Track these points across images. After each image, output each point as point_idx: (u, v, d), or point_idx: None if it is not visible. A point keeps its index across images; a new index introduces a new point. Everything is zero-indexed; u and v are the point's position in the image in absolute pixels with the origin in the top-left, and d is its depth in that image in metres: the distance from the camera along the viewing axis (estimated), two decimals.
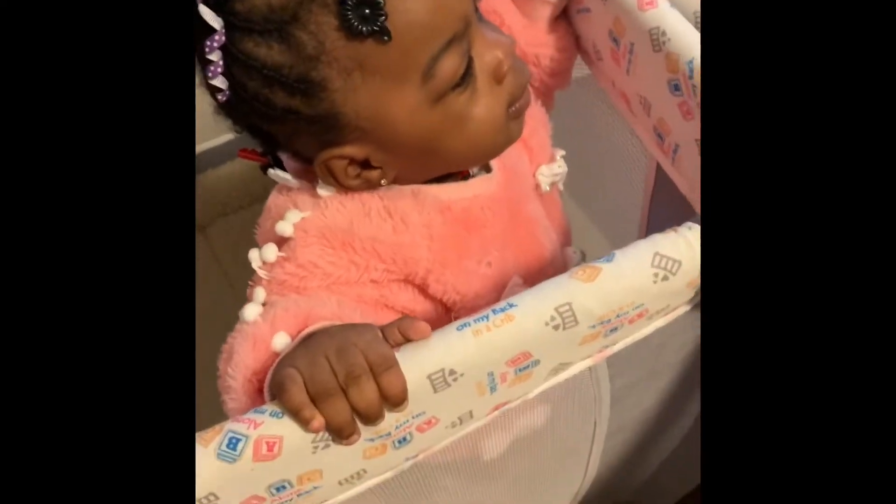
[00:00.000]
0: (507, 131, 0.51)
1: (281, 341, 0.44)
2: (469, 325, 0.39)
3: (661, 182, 0.63)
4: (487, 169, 0.57)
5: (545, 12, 0.59)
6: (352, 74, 0.45)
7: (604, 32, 0.57)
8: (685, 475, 0.86)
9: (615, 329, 0.43)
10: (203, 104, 0.48)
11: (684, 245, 0.41)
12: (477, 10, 0.49)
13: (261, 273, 0.50)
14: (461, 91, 0.47)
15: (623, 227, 0.77)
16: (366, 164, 0.49)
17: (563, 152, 0.63)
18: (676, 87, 0.50)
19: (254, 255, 0.51)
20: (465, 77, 0.47)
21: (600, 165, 0.77)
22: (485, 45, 0.48)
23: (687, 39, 0.49)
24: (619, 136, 0.70)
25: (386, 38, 0.43)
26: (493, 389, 0.42)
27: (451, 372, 0.39)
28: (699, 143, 0.50)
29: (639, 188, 0.69)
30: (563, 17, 0.62)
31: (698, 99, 0.48)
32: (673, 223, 0.44)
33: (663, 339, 0.52)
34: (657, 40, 0.50)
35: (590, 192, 0.83)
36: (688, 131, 0.51)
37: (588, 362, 0.47)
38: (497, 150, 0.53)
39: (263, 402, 0.42)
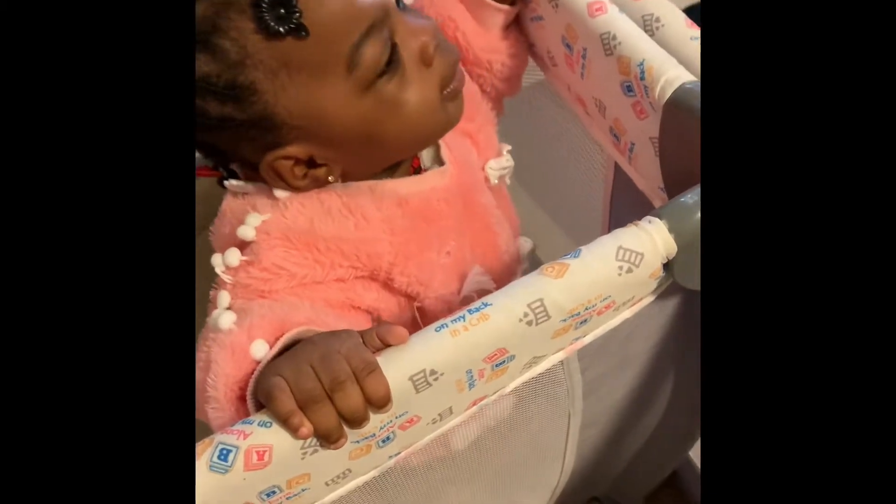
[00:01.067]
0: (445, 113, 0.52)
1: (259, 349, 0.45)
2: (447, 325, 0.41)
3: (620, 179, 0.65)
4: (440, 162, 0.58)
5: (498, 20, 0.61)
6: (278, 74, 0.46)
7: (557, 39, 0.59)
8: (657, 466, 0.88)
9: (585, 321, 0.45)
10: None
11: (646, 238, 0.43)
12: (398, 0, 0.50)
13: (224, 277, 0.51)
14: (389, 78, 0.49)
15: (586, 224, 0.79)
16: (311, 163, 0.50)
17: (509, 147, 0.65)
18: (629, 89, 0.52)
19: (217, 261, 0.51)
20: (391, 64, 0.48)
21: (562, 167, 0.79)
22: (408, 31, 0.50)
23: (636, 42, 0.51)
24: (578, 138, 0.72)
25: (304, 33, 0.44)
26: (471, 386, 0.44)
27: (432, 372, 0.40)
28: (654, 140, 0.53)
29: (599, 186, 0.71)
30: (516, 25, 0.64)
31: (650, 98, 0.50)
32: (633, 218, 0.46)
33: (630, 329, 0.55)
34: (608, 44, 0.52)
35: (553, 193, 0.85)
36: (642, 130, 0.53)
37: (560, 355, 0.49)
38: (438, 133, 0.54)
39: (246, 409, 0.42)
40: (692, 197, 0.44)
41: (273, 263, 0.50)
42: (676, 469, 0.97)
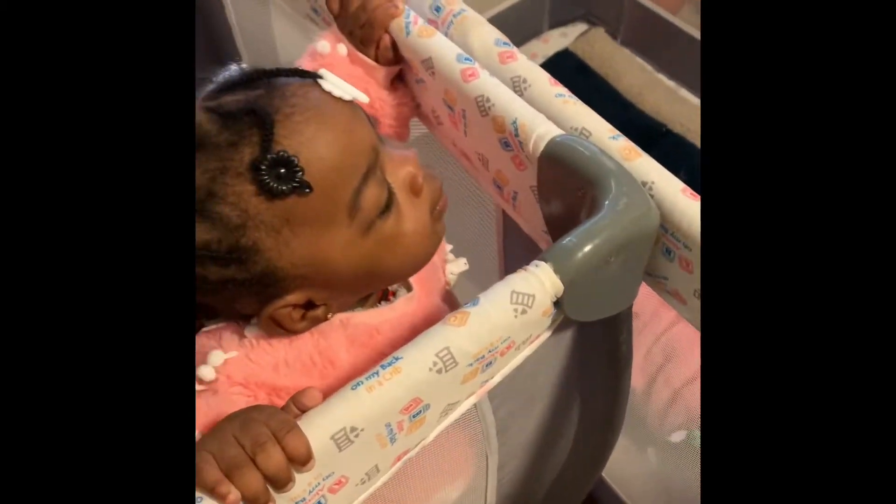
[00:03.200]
0: (436, 235, 0.54)
1: None
2: (362, 383, 0.43)
3: (509, 224, 0.70)
4: (408, 287, 0.59)
5: (381, 75, 0.65)
6: (281, 231, 0.46)
7: (439, 100, 0.63)
8: (574, 491, 0.92)
9: (490, 363, 0.48)
10: None
11: (535, 281, 0.47)
12: (378, 135, 0.52)
13: None
14: (387, 215, 0.50)
15: (486, 266, 0.83)
16: (309, 304, 0.50)
17: (451, 246, 0.67)
18: (507, 144, 0.57)
19: None
20: (388, 201, 0.50)
21: (458, 216, 0.83)
22: (394, 164, 0.51)
23: (508, 103, 0.56)
24: (469, 189, 0.76)
25: (307, 190, 0.45)
26: (392, 440, 0.46)
27: (353, 429, 0.42)
28: (533, 189, 0.57)
29: (493, 230, 0.76)
30: (401, 81, 0.68)
31: (526, 152, 0.55)
32: (525, 259, 0.50)
33: (534, 365, 0.58)
34: (483, 106, 0.57)
35: (451, 237, 0.89)
36: (523, 180, 0.58)
37: (473, 399, 0.52)
38: (431, 255, 0.55)
39: None
40: (572, 239, 0.48)
41: (230, 405, 0.49)
42: (595, 493, 1.01)
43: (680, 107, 1.35)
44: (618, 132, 0.55)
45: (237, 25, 1.01)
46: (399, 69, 0.66)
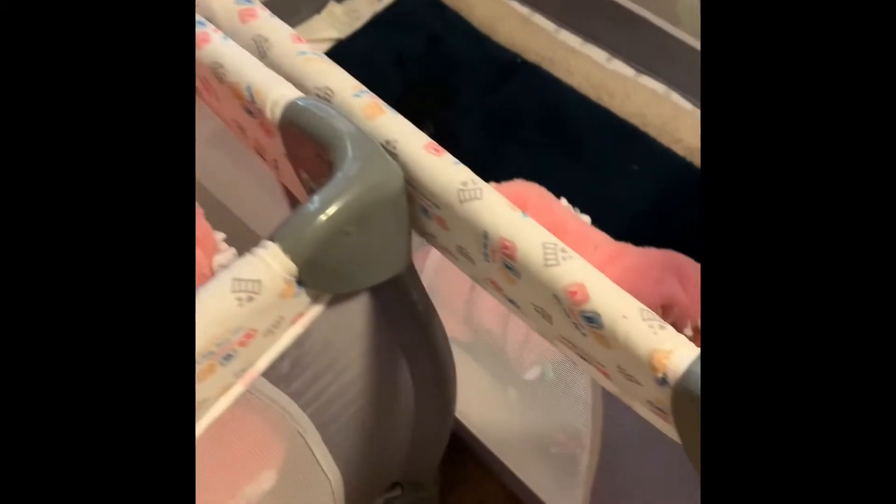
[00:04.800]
0: None
1: None
2: None
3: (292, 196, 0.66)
4: None
5: None
6: None
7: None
8: (434, 439, 0.92)
9: (229, 356, 0.45)
10: None
11: (260, 264, 0.44)
12: None
13: None
14: None
15: None
16: None
17: (223, 235, 0.66)
18: (249, 111, 0.53)
19: None
20: None
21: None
22: None
23: (241, 68, 0.51)
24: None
25: None
26: None
27: None
28: (286, 155, 0.54)
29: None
30: None
31: (267, 120, 0.51)
32: None
33: (321, 338, 0.56)
34: (218, 73, 0.52)
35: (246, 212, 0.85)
36: (275, 147, 0.54)
37: (238, 389, 0.49)
38: None
39: None
40: (301, 213, 0.45)
41: None
42: (459, 433, 1.01)
43: (533, 35, 1.32)
44: (362, 88, 0.52)
45: None
46: None
